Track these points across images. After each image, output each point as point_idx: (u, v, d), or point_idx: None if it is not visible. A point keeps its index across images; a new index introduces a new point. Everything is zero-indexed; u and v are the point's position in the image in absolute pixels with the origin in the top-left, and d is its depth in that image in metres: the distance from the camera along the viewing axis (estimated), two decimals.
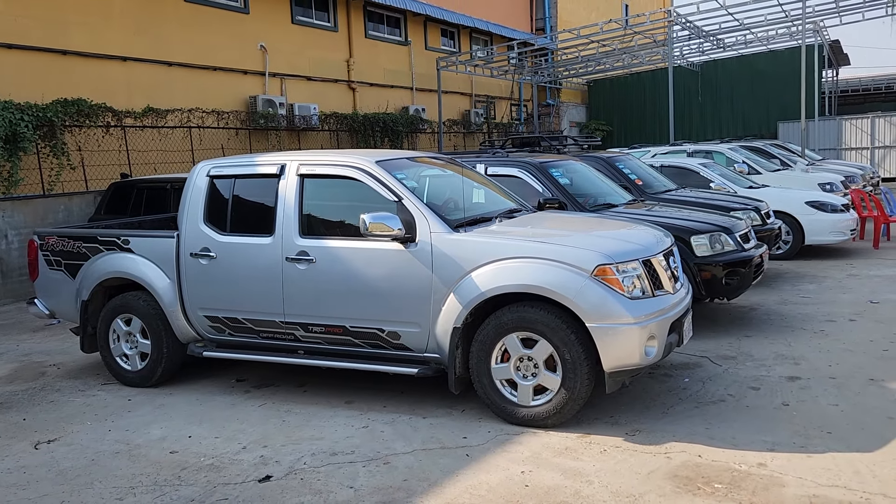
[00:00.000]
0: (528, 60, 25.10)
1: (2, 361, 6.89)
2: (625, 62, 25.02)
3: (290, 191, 5.18)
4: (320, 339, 5.13)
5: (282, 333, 5.25)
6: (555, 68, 25.81)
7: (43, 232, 6.21)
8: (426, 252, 4.69)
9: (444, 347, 4.70)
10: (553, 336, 4.36)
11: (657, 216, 6.67)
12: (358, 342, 5.01)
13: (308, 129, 16.22)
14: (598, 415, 4.67)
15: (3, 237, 10.16)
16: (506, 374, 4.56)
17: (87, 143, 11.65)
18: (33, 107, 10.39)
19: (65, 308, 6.16)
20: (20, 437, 4.82)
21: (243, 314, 5.34)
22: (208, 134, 13.86)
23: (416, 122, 19.64)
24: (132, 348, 5.82)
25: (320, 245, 5.02)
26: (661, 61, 25.69)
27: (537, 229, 5.04)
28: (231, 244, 5.34)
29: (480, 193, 5.82)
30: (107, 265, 5.81)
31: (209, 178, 5.55)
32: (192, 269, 5.47)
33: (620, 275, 4.36)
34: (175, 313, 5.58)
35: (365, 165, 5.01)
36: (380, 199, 4.90)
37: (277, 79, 16.06)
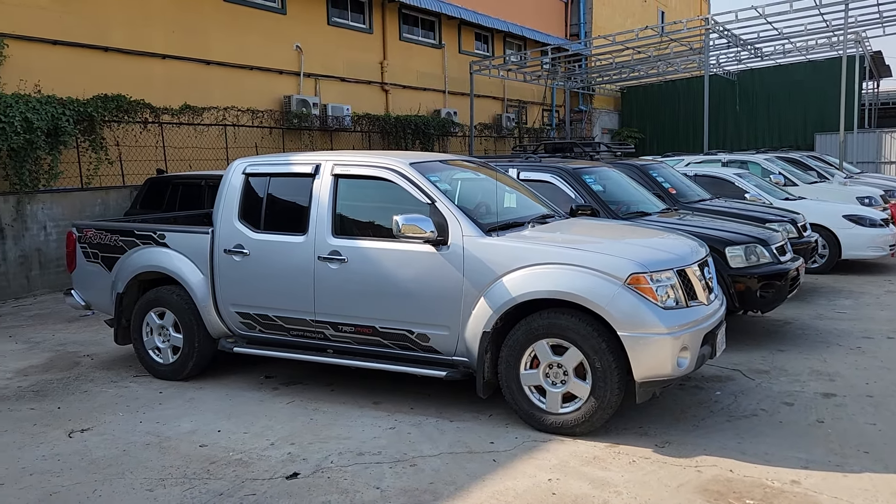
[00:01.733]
0: (562, 66, 25.01)
1: (38, 350, 7.03)
2: (659, 69, 24.80)
3: (324, 190, 5.21)
4: (350, 338, 5.15)
5: (312, 332, 5.28)
6: (588, 74, 25.68)
7: (81, 224, 6.33)
8: (458, 255, 4.69)
9: (472, 351, 4.69)
10: (584, 344, 4.32)
11: (691, 226, 6.58)
12: (387, 343, 5.02)
13: (340, 130, 16.33)
14: (627, 425, 4.62)
15: (42, 229, 10.37)
16: (535, 381, 4.53)
17: (125, 138, 11.85)
18: (74, 102, 10.60)
19: (100, 300, 6.26)
20: (55, 425, 4.91)
21: (274, 311, 5.38)
22: (243, 132, 14.02)
23: (447, 126, 19.67)
24: (164, 342, 5.90)
25: (353, 245, 5.05)
26: (696, 69, 25.45)
27: (570, 235, 5.01)
28: (264, 242, 5.38)
29: (513, 198, 5.80)
30: (142, 259, 5.90)
31: (245, 175, 5.61)
32: (225, 265, 5.53)
33: (654, 284, 4.31)
34: (207, 308, 5.64)
35: (399, 167, 5.03)
36: (413, 201, 4.90)
37: (312, 79, 16.20)
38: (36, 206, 10.29)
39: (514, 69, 22.74)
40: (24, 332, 7.84)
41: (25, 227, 10.16)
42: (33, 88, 10.42)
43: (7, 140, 9.51)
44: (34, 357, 6.75)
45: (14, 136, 9.55)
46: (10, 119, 9.50)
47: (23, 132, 9.64)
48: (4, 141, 9.49)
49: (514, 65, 22.65)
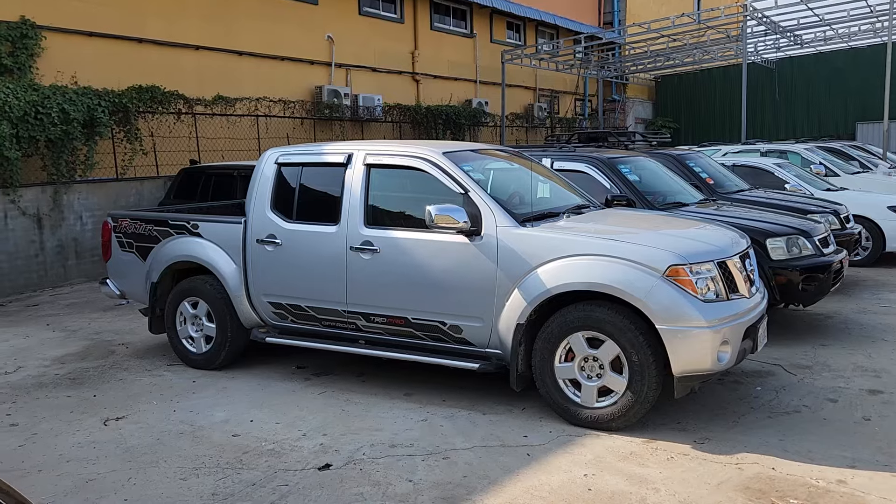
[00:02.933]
0: (595, 55, 24.67)
1: (75, 339, 7.12)
2: (695, 58, 24.33)
3: (357, 180, 5.17)
4: (381, 329, 5.11)
5: (343, 322, 5.25)
6: (622, 63, 25.30)
7: (117, 214, 6.38)
8: (491, 246, 4.61)
9: (506, 343, 4.61)
10: (620, 337, 4.22)
11: (730, 216, 6.41)
12: (419, 334, 4.97)
13: (371, 120, 16.30)
14: (664, 420, 4.52)
15: (78, 219, 10.52)
16: (569, 374, 4.45)
17: (159, 129, 11.96)
18: (110, 93, 10.71)
19: (135, 289, 6.31)
20: (91, 413, 4.96)
21: (306, 302, 5.36)
22: (274, 123, 14.07)
23: (478, 116, 19.54)
24: (198, 331, 5.92)
25: (385, 235, 5.00)
26: (732, 58, 24.91)
27: (606, 226, 4.90)
28: (297, 232, 5.36)
29: (546, 188, 5.70)
30: (176, 249, 5.92)
31: (277, 165, 5.59)
32: (257, 255, 5.52)
33: (694, 276, 4.19)
34: (240, 298, 5.64)
35: (432, 156, 4.96)
36: (446, 191, 4.83)
37: (343, 69, 16.19)
38: (72, 196, 10.44)
39: (546, 58, 22.49)
40: (61, 321, 7.96)
41: (62, 216, 10.32)
42: (70, 80, 10.56)
43: (45, 131, 9.64)
44: (71, 345, 6.84)
45: (51, 127, 9.68)
46: (47, 110, 9.63)
47: (60, 123, 9.77)
48: (42, 132, 9.62)
49: (546, 54, 22.40)
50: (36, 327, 7.68)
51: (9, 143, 9.21)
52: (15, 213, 9.74)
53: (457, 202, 4.73)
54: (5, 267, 9.63)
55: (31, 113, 9.45)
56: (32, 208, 9.94)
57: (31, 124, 9.50)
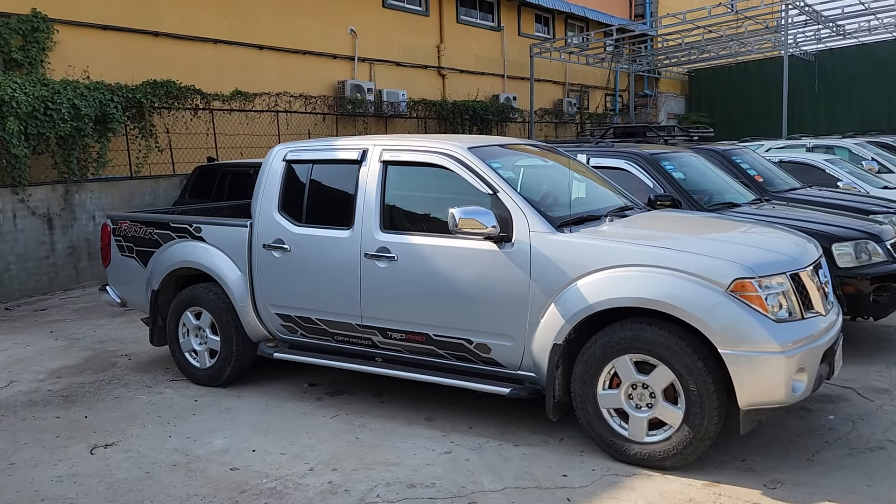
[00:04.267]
0: (626, 48, 23.88)
1: (77, 348, 6.68)
2: (731, 50, 23.40)
3: (372, 179, 4.62)
4: (400, 346, 4.56)
5: (358, 338, 4.71)
6: (654, 56, 24.46)
7: (116, 216, 5.91)
8: (524, 254, 4.03)
9: (540, 366, 4.03)
10: (676, 361, 3.62)
11: (789, 219, 5.74)
12: (442, 353, 4.40)
13: (395, 116, 15.78)
14: (724, 457, 3.90)
15: (91, 219, 10.13)
16: (615, 403, 3.85)
17: (175, 125, 11.54)
18: (123, 88, 10.30)
19: (136, 297, 5.84)
20: (78, 438, 4.48)
21: (317, 314, 4.83)
22: (295, 119, 13.61)
23: (506, 111, 18.93)
24: (201, 344, 5.43)
25: (403, 241, 4.44)
26: (770, 50, 23.94)
27: (656, 232, 4.29)
28: (306, 236, 4.83)
29: (584, 187, 5.09)
30: (177, 254, 5.43)
31: (286, 162, 5.06)
32: (264, 261, 5.00)
33: (763, 291, 3.57)
34: (246, 309, 5.13)
35: (456, 152, 4.39)
36: (472, 192, 4.27)
37: (366, 64, 15.69)
38: (84, 195, 10.05)
39: (576, 52, 21.78)
40: (67, 328, 7.53)
41: (74, 216, 9.93)
42: (81, 74, 10.16)
43: (55, 127, 9.25)
44: (71, 356, 6.39)
45: (62, 123, 9.29)
46: (57, 106, 9.24)
47: (70, 119, 9.37)
48: (52, 128, 9.24)
49: (575, 47, 21.70)
50: (39, 334, 7.27)
51: (17, 140, 8.83)
52: (24, 213, 9.37)
53: (484, 204, 4.16)
54: (14, 269, 9.26)
55: (40, 109, 9.07)
56: (42, 208, 9.57)
57: (41, 120, 9.12)
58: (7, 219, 9.19)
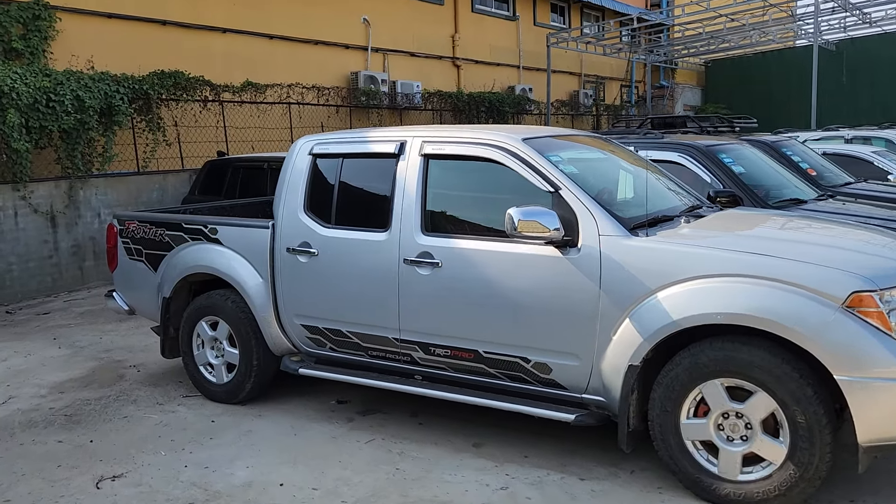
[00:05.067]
0: (643, 38, 23.25)
1: (81, 358, 6.18)
2: (753, 39, 22.74)
3: (412, 175, 4.09)
4: (444, 363, 4.04)
5: (395, 353, 4.19)
6: (672, 46, 23.82)
7: (123, 216, 5.40)
8: (592, 261, 3.50)
9: (611, 389, 3.51)
10: (779, 388, 3.09)
11: (871, 217, 5.19)
12: (493, 372, 3.88)
13: (410, 108, 15.23)
14: (831, 496, 3.37)
15: (97, 216, 9.63)
16: (701, 434, 3.33)
17: (184, 118, 11.02)
18: (129, 78, 9.77)
19: (145, 304, 5.34)
20: (83, 468, 3.97)
21: (348, 326, 4.31)
22: (308, 111, 13.07)
23: (522, 103, 18.35)
24: (218, 357, 4.92)
25: (448, 245, 3.91)
26: (792, 39, 23.29)
27: (747, 236, 3.76)
28: (336, 239, 4.30)
29: (643, 183, 4.54)
30: (191, 258, 4.91)
31: (312, 157, 4.53)
32: (288, 267, 4.49)
33: (885, 306, 3.03)
34: (267, 319, 4.62)
35: (509, 144, 3.85)
36: (528, 189, 3.74)
37: (380, 54, 15.14)
38: (89, 191, 9.55)
39: (592, 42, 21.16)
40: (71, 334, 7.04)
41: (78, 214, 9.43)
42: (85, 65, 9.65)
43: (57, 120, 8.74)
44: (75, 367, 5.90)
45: (65, 115, 8.78)
46: (60, 98, 8.73)
47: (74, 112, 8.87)
48: (55, 121, 8.73)
49: (592, 37, 21.08)
50: (41, 342, 6.77)
51: (17, 133, 8.32)
52: (26, 210, 8.88)
53: (543, 203, 3.63)
54: (16, 270, 8.77)
55: (41, 100, 8.56)
56: (45, 205, 9.07)
57: (43, 113, 8.61)
58: (8, 217, 8.70)
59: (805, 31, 21.73)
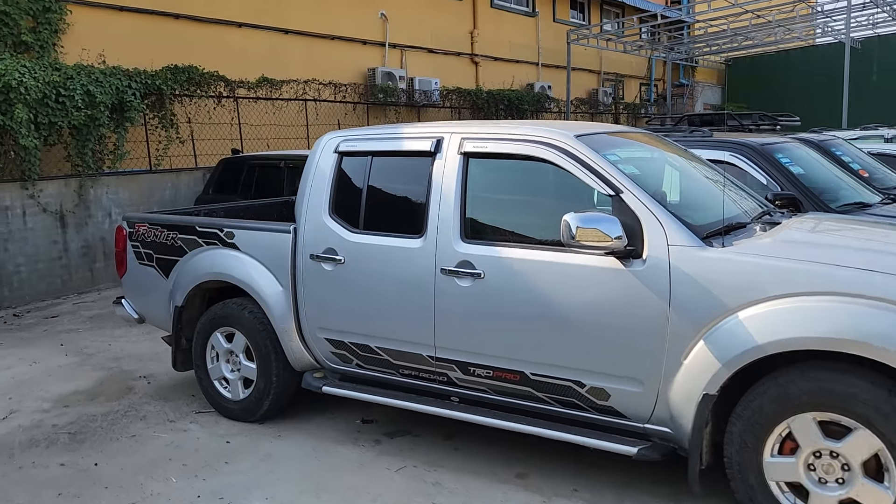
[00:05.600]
0: (663, 35, 22.75)
1: (89, 367, 5.82)
2: (777, 36, 22.18)
3: (450, 176, 3.68)
4: (485, 386, 3.63)
5: (430, 372, 3.79)
6: (693, 44, 23.30)
7: (133, 218, 5.02)
8: (660, 274, 3.08)
9: (679, 420, 3.09)
10: (885, 425, 2.66)
11: None
12: (542, 397, 3.47)
13: (428, 106, 14.85)
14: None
15: (107, 216, 9.29)
16: (788, 475, 2.90)
17: (197, 114, 10.67)
18: (141, 73, 9.42)
19: (156, 312, 4.96)
20: (86, 497, 3.60)
21: (378, 341, 3.92)
22: (324, 108, 12.70)
23: (541, 101, 17.92)
24: (234, 371, 4.54)
25: (492, 254, 3.50)
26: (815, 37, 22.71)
27: (838, 245, 3.34)
28: (365, 246, 3.91)
29: (708, 185, 4.12)
30: (205, 263, 4.53)
31: (338, 154, 4.14)
32: (311, 275, 4.09)
33: None
34: (288, 332, 4.23)
35: (563, 142, 3.44)
36: (582, 192, 3.35)
37: (397, 50, 14.76)
38: (100, 190, 9.21)
39: (613, 38, 20.69)
40: (79, 340, 6.69)
41: (89, 213, 9.10)
42: (97, 59, 9.30)
43: (67, 116, 8.41)
44: (82, 377, 5.54)
45: (75, 111, 8.45)
46: (70, 92, 8.39)
47: (84, 107, 8.53)
48: (64, 117, 8.39)
49: (612, 34, 20.61)
50: (48, 348, 6.42)
51: (25, 129, 7.98)
52: (34, 209, 8.55)
53: (598, 208, 3.22)
54: (24, 272, 8.44)
55: (51, 95, 8.22)
56: (55, 204, 8.74)
57: (52, 108, 8.28)
58: (16, 216, 8.37)
59: (832, 27, 21.15)
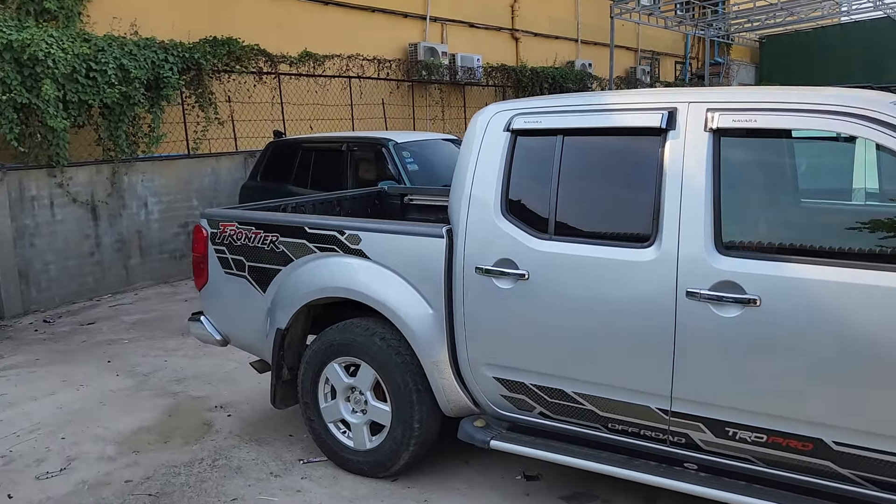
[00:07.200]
0: (697, 10, 21.63)
1: (148, 392, 4.84)
2: (824, 11, 21.03)
3: (694, 161, 2.66)
4: (749, 453, 2.64)
5: (659, 430, 2.80)
6: (733, 19, 22.14)
7: (216, 215, 4.00)
8: None
9: None
10: None
11: None
12: (846, 474, 2.47)
13: (471, 84, 13.78)
14: None
15: (143, 206, 8.28)
16: None
17: (237, 92, 9.62)
18: (178, 46, 8.36)
19: (246, 334, 3.96)
20: None
21: (578, 386, 2.92)
22: (368, 86, 11.64)
23: (584, 79, 16.85)
24: (356, 412, 3.55)
25: (773, 273, 2.48)
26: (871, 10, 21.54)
27: None
28: (560, 257, 2.90)
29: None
30: (321, 275, 3.51)
31: (511, 134, 3.11)
32: (476, 293, 3.09)
33: None
34: (439, 366, 3.24)
35: (876, 110, 2.42)
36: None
37: (438, 24, 13.67)
38: (135, 177, 8.19)
39: (655, 13, 19.55)
40: (127, 355, 5.70)
41: (123, 203, 8.08)
42: (129, 29, 8.24)
43: (99, 93, 7.37)
44: (144, 407, 4.55)
45: (107, 88, 7.41)
46: (102, 67, 7.35)
47: (118, 83, 7.48)
48: (96, 94, 7.35)
49: (661, 8, 19.50)
50: (93, 366, 5.44)
51: (53, 108, 6.96)
52: (63, 200, 7.53)
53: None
54: (53, 270, 7.45)
55: (81, 70, 7.18)
56: (85, 193, 7.73)
57: (82, 84, 7.25)
58: (43, 207, 7.36)
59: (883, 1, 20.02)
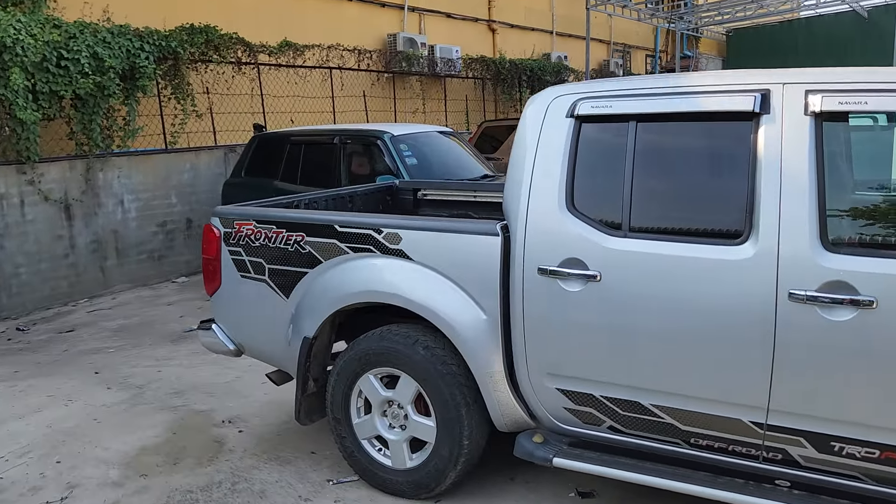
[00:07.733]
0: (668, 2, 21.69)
1: (145, 406, 4.44)
2: (793, 5, 21.24)
3: (794, 149, 2.41)
4: (858, 470, 2.40)
5: (751, 446, 2.54)
6: (701, 13, 22.24)
7: (229, 213, 3.63)
8: None
9: None
10: None
11: None
12: None
13: (450, 76, 13.48)
14: None
15: (119, 203, 7.79)
16: None
17: (215, 84, 9.15)
18: (154, 34, 7.87)
19: (265, 343, 3.61)
20: None
21: (656, 397, 2.65)
22: (348, 78, 11.24)
23: (561, 71, 16.70)
24: (394, 428, 3.24)
25: (887, 272, 2.26)
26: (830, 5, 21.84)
27: None
28: (637, 256, 2.62)
29: None
30: (356, 278, 3.18)
31: (575, 120, 2.82)
32: (539, 296, 2.80)
33: None
34: (493, 377, 2.94)
35: None
36: None
37: (416, 14, 13.34)
38: (110, 173, 7.70)
39: (629, 5, 19.49)
40: (115, 364, 5.28)
41: (98, 201, 7.59)
42: (101, 16, 7.73)
43: (72, 83, 6.88)
44: (144, 424, 4.16)
45: (80, 77, 6.92)
46: (74, 55, 6.85)
47: (92, 73, 7.00)
48: (68, 85, 6.86)
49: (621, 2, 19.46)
50: (79, 377, 5.01)
51: (23, 99, 6.46)
52: (34, 198, 7.02)
53: None
54: (24, 273, 6.94)
55: (51, 58, 6.69)
56: (58, 191, 7.22)
57: (53, 74, 6.75)
58: (13, 206, 6.84)
59: None
